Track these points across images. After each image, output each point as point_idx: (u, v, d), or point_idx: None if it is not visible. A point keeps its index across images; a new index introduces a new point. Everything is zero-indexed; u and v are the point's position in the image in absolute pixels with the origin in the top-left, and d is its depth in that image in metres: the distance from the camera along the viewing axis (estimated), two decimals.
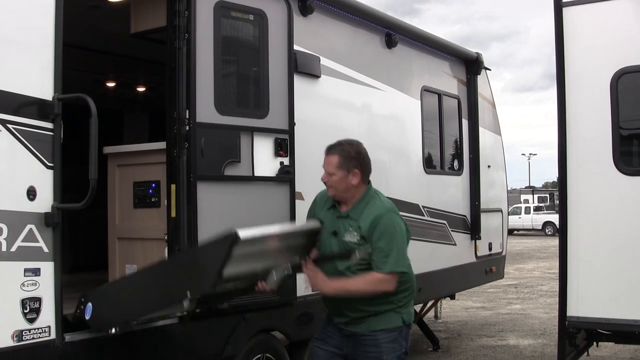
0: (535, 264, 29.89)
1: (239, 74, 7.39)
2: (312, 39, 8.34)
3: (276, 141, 7.31)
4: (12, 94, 5.29)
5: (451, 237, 11.32)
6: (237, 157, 6.93)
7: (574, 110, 8.13)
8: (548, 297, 19.17)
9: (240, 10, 7.07)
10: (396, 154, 10.15)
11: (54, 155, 5.52)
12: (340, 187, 5.94)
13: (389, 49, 9.99)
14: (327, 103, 8.61)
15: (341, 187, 5.94)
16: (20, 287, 5.27)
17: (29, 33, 5.48)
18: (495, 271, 12.91)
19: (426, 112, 10.84)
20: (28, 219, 5.35)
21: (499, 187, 13.45)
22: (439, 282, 11.05)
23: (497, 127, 13.39)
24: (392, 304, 5.79)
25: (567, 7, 8.25)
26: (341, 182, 5.91)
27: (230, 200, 6.97)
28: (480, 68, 12.32)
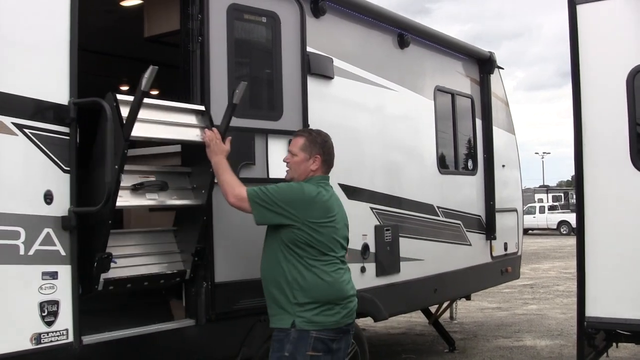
0: (551, 263, 29.83)
1: (253, 77, 7.38)
2: (325, 40, 8.35)
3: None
4: (28, 99, 5.31)
5: (466, 238, 11.30)
6: (252, 159, 6.95)
7: (590, 108, 8.09)
8: (565, 297, 19.13)
9: (253, 12, 7.08)
10: (410, 155, 10.15)
11: (70, 159, 5.54)
12: (298, 170, 6.12)
13: (402, 49, 9.99)
14: (340, 104, 8.61)
15: (299, 170, 6.11)
16: (38, 290, 5.29)
17: (44, 38, 5.50)
18: (511, 271, 12.87)
19: (440, 112, 10.82)
20: (45, 223, 5.36)
21: (514, 187, 13.41)
22: (455, 283, 11.04)
23: (511, 126, 13.36)
24: (289, 307, 5.78)
25: (581, 4, 8.21)
26: (301, 164, 6.09)
27: None
28: (493, 67, 12.30)
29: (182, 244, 6.83)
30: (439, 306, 12.61)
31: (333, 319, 5.80)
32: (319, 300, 5.75)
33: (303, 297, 5.75)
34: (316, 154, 6.08)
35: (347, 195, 8.43)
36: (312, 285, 5.78)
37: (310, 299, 5.75)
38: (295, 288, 5.77)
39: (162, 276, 6.54)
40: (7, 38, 5.22)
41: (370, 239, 8.89)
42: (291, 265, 5.82)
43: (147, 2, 7.76)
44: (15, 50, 5.29)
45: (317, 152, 6.09)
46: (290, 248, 5.83)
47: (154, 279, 6.47)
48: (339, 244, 6.02)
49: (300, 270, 5.79)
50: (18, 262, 5.18)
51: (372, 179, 9.11)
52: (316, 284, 5.78)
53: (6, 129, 5.16)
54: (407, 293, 9.66)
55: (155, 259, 6.61)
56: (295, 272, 5.80)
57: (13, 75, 5.25)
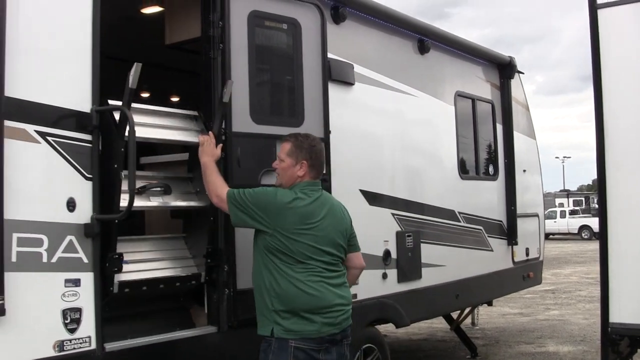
0: (573, 268, 29.70)
1: (274, 83, 7.40)
2: (345, 46, 8.36)
3: None
4: (51, 107, 5.33)
5: (487, 243, 11.27)
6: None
7: (612, 111, 8.04)
8: (587, 302, 19.05)
9: (274, 19, 7.09)
10: (431, 160, 10.14)
11: (92, 167, 5.56)
12: (285, 176, 5.98)
13: (422, 55, 10.00)
14: (361, 110, 8.61)
15: (286, 176, 5.97)
16: (60, 297, 5.31)
17: (66, 45, 5.52)
18: (532, 277, 12.83)
19: (460, 117, 10.82)
20: (68, 230, 5.38)
21: (535, 192, 13.38)
22: (476, 289, 11.02)
23: (532, 130, 13.32)
24: (268, 314, 5.69)
25: (602, 8, 8.18)
26: (288, 170, 5.95)
27: None
28: (514, 72, 12.29)
29: (194, 250, 6.95)
30: (460, 312, 12.58)
31: (311, 328, 5.62)
32: (293, 308, 5.61)
33: (279, 305, 5.63)
34: (302, 159, 5.92)
35: (368, 201, 8.44)
36: (286, 293, 5.63)
37: (285, 306, 5.61)
38: (272, 295, 5.65)
39: (177, 279, 6.62)
40: (29, 46, 5.24)
41: (392, 245, 8.88)
42: (268, 271, 5.71)
43: (168, 9, 7.78)
44: (38, 58, 5.31)
45: (303, 158, 5.92)
46: (266, 254, 5.73)
47: (169, 281, 6.54)
48: (322, 251, 5.76)
49: (275, 277, 5.67)
50: (41, 269, 5.20)
51: (393, 185, 9.10)
52: (291, 292, 5.62)
53: (29, 136, 5.18)
54: (428, 299, 9.64)
55: (168, 264, 6.72)
56: (272, 279, 5.68)
57: (35, 83, 5.27)
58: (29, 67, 5.22)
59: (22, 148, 5.13)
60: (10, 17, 5.05)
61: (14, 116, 5.08)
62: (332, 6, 8.20)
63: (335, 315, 5.73)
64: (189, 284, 6.74)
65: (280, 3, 7.17)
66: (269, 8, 7.04)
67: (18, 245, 5.05)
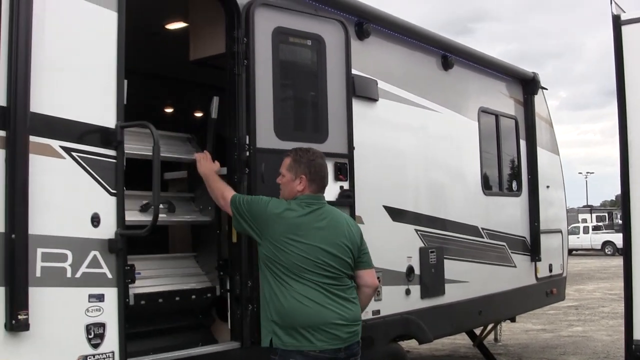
0: (596, 284, 29.51)
1: (298, 99, 7.42)
2: (369, 62, 8.37)
3: (336, 165, 7.27)
4: (76, 122, 5.35)
5: (511, 259, 11.23)
6: None
7: (636, 126, 8.01)
8: (610, 318, 18.92)
9: (298, 35, 7.10)
10: (454, 176, 10.13)
11: (117, 182, 5.57)
12: (285, 190, 5.97)
13: (446, 71, 10.00)
14: (385, 126, 8.62)
15: (286, 191, 5.96)
16: (84, 312, 5.31)
17: (91, 61, 5.54)
18: (556, 293, 12.77)
19: (484, 133, 10.81)
20: (92, 246, 5.39)
21: (558, 207, 13.33)
22: (499, 305, 10.98)
23: (555, 146, 13.28)
24: (267, 323, 5.68)
25: (626, 24, 8.17)
26: (288, 185, 5.94)
27: None
28: (537, 88, 12.26)
29: (205, 267, 7.13)
30: (483, 328, 12.53)
31: (307, 343, 5.50)
32: (290, 322, 5.52)
33: (277, 316, 5.57)
34: (301, 173, 5.86)
35: (391, 217, 8.43)
36: (283, 306, 5.55)
37: (282, 319, 5.54)
38: (271, 306, 5.61)
39: (192, 291, 6.76)
40: (55, 62, 5.27)
41: (415, 261, 8.86)
42: (267, 281, 5.68)
43: (192, 25, 7.81)
44: (63, 74, 5.33)
45: (302, 172, 5.86)
46: (265, 264, 5.71)
47: (185, 294, 6.65)
48: (318, 264, 5.61)
49: (273, 288, 5.62)
50: (65, 284, 5.21)
51: (417, 201, 9.09)
52: (287, 305, 5.54)
53: (54, 152, 5.20)
54: (451, 315, 9.60)
55: (182, 279, 6.88)
56: (270, 290, 5.64)
57: (61, 99, 5.29)
58: (54, 83, 5.24)
59: (47, 163, 5.15)
60: (36, 33, 5.07)
61: (39, 132, 5.10)
62: (356, 22, 8.22)
63: (336, 332, 5.57)
64: (205, 297, 6.85)
65: (305, 19, 7.18)
66: (293, 24, 7.05)
67: (42, 260, 5.06)
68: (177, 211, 6.90)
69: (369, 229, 7.79)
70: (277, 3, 7.03)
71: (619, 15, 8.22)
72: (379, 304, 8.08)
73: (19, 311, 4.82)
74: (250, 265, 6.58)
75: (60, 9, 5.35)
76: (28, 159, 4.96)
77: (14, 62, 4.93)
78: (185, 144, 7.28)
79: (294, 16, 7.10)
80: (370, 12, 8.40)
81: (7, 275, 4.83)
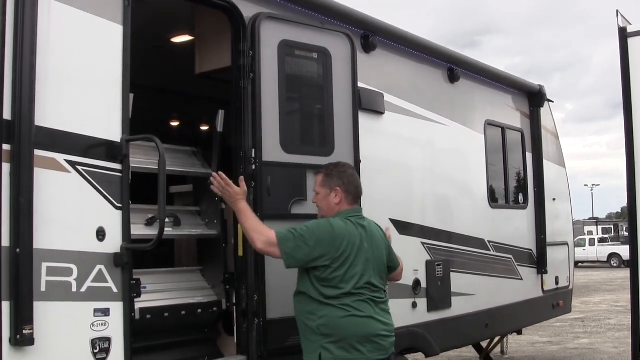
0: (602, 297, 29.44)
1: (304, 112, 7.41)
2: (376, 75, 8.36)
3: None
4: (81, 136, 5.35)
5: (517, 272, 11.19)
6: (304, 196, 6.89)
7: None
8: (617, 331, 18.85)
9: (304, 48, 7.09)
10: (461, 189, 10.10)
11: (122, 196, 5.56)
12: (323, 206, 6.04)
13: (452, 84, 9.98)
14: (391, 139, 8.59)
15: (324, 206, 6.02)
16: (90, 327, 5.30)
17: (97, 74, 5.55)
18: (562, 305, 12.73)
19: (490, 146, 10.78)
20: (97, 260, 5.38)
21: (565, 220, 13.29)
22: (506, 318, 10.94)
23: (561, 159, 13.26)
24: (315, 338, 5.67)
25: (632, 37, 8.18)
26: (324, 200, 6.01)
27: None
28: (543, 100, 12.24)
29: (211, 281, 7.08)
30: (490, 341, 12.49)
31: (359, 356, 5.63)
32: (343, 336, 5.60)
33: (327, 330, 5.62)
34: (336, 186, 5.96)
35: (398, 230, 8.39)
36: (335, 321, 5.63)
37: (333, 333, 5.61)
38: (320, 321, 5.65)
39: (198, 305, 6.72)
40: (60, 75, 5.27)
41: (422, 274, 8.83)
42: (313, 297, 5.71)
43: (198, 38, 7.80)
44: (68, 88, 5.33)
45: (336, 185, 5.96)
46: (315, 282, 5.71)
47: (191, 308, 6.61)
48: (370, 278, 5.81)
49: (325, 302, 5.66)
50: (70, 299, 5.19)
51: (423, 214, 9.07)
52: (340, 320, 5.63)
53: (59, 166, 5.20)
54: (458, 328, 9.57)
55: (188, 293, 6.84)
56: (319, 304, 5.68)
57: (66, 113, 5.28)
58: (59, 96, 5.24)
59: (53, 177, 5.15)
60: (41, 47, 5.07)
61: (45, 146, 5.10)
62: (362, 35, 8.20)
63: (382, 343, 5.75)
64: (211, 311, 6.82)
65: (311, 32, 7.18)
66: (299, 37, 7.05)
67: (48, 275, 5.05)
68: (183, 225, 6.88)
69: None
70: (283, 16, 7.03)
71: (626, 28, 8.24)
72: None
73: (24, 326, 4.81)
74: (257, 279, 6.56)
75: (65, 23, 5.35)
76: (33, 173, 4.96)
77: (19, 76, 4.93)
78: (190, 157, 7.26)
79: (300, 29, 7.10)
80: (377, 25, 8.39)
81: (12, 289, 4.82)
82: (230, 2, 6.62)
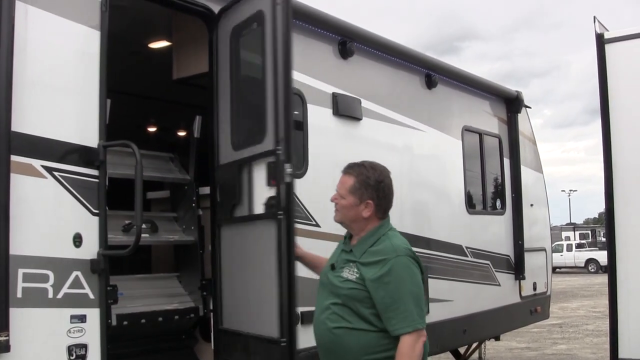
0: (580, 302, 29.53)
1: (247, 106, 7.16)
2: (353, 81, 8.37)
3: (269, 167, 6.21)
4: (58, 142, 5.34)
5: (495, 278, 11.22)
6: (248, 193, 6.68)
7: (620, 144, 8.06)
8: (594, 336, 18.91)
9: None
10: (438, 195, 10.12)
11: (99, 202, 5.54)
12: (347, 215, 5.12)
13: (429, 90, 9.99)
14: (368, 145, 8.58)
15: (349, 215, 5.11)
16: (66, 333, 5.28)
17: (73, 80, 5.54)
18: (540, 311, 12.77)
19: (467, 152, 10.81)
20: (74, 266, 5.36)
21: (542, 226, 13.34)
22: (484, 324, 10.95)
23: (539, 164, 13.31)
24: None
25: (609, 43, 8.22)
26: (350, 209, 5.09)
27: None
28: (521, 106, 12.27)
29: (188, 287, 7.09)
30: (467, 347, 12.49)
31: None
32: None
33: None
34: (368, 198, 5.05)
35: None
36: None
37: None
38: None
39: (175, 312, 6.74)
40: (36, 81, 5.26)
41: None
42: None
43: (175, 44, 7.79)
44: (45, 94, 5.32)
45: (369, 197, 5.06)
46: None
47: (168, 315, 6.63)
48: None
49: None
50: (47, 305, 5.18)
51: (401, 220, 9.03)
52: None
53: (35, 171, 5.18)
54: (436, 334, 9.52)
55: (165, 299, 6.85)
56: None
57: (42, 118, 5.27)
58: (35, 102, 5.23)
59: (29, 183, 5.13)
60: (18, 52, 5.06)
61: (21, 151, 5.08)
62: (339, 41, 8.21)
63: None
64: (188, 317, 6.84)
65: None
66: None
67: (24, 281, 5.03)
68: (160, 231, 6.88)
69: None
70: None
71: (603, 34, 8.28)
72: None
73: None
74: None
75: (42, 28, 5.34)
76: (9, 179, 4.94)
77: None
78: (167, 163, 7.25)
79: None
80: (354, 31, 8.40)
81: None
82: (208, 8, 6.60)
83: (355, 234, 5.16)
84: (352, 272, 4.94)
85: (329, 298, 5.00)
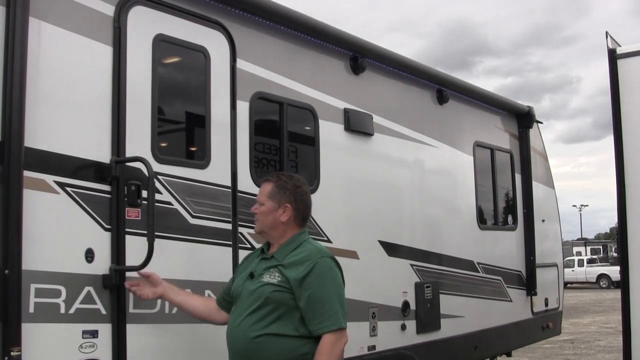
0: (592, 318, 29.42)
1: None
2: (365, 97, 8.38)
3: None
4: (71, 157, 5.34)
5: (507, 294, 11.18)
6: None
7: (632, 159, 8.04)
8: (606, 352, 18.84)
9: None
10: (450, 210, 10.10)
11: (111, 218, 5.55)
12: (266, 221, 5.34)
13: (441, 105, 9.99)
14: (380, 161, 8.59)
15: (267, 221, 5.33)
16: (78, 349, 5.27)
17: (86, 96, 5.55)
18: (552, 327, 12.70)
19: (479, 167, 10.79)
20: (86, 281, 5.36)
21: (554, 241, 13.28)
22: (495, 340, 10.90)
23: (550, 180, 13.27)
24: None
25: (621, 58, 8.22)
26: (268, 214, 5.32)
27: None
28: (532, 121, 12.25)
29: None
30: None
31: None
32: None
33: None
34: (286, 202, 5.31)
35: (387, 252, 8.39)
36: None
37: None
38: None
39: None
40: (50, 96, 5.27)
41: (411, 296, 8.81)
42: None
43: None
44: (57, 109, 5.33)
45: (287, 201, 5.31)
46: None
47: None
48: None
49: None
50: (59, 320, 5.17)
51: (412, 236, 9.06)
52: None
53: (48, 187, 5.19)
54: (447, 350, 9.54)
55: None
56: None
57: (55, 134, 5.28)
58: (48, 118, 5.25)
59: (41, 198, 5.14)
60: (31, 68, 5.08)
61: (34, 167, 5.09)
62: (351, 57, 8.23)
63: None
64: None
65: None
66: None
67: (36, 296, 5.03)
68: None
69: (364, 264, 7.80)
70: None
71: (615, 49, 8.27)
72: (374, 339, 8.04)
73: (11, 347, 4.79)
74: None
75: (55, 44, 5.36)
76: (22, 194, 4.95)
77: (9, 97, 4.95)
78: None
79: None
80: (365, 47, 8.41)
81: (0, 311, 4.80)
82: None
83: (275, 242, 5.37)
84: (273, 276, 5.12)
85: (249, 307, 5.12)
